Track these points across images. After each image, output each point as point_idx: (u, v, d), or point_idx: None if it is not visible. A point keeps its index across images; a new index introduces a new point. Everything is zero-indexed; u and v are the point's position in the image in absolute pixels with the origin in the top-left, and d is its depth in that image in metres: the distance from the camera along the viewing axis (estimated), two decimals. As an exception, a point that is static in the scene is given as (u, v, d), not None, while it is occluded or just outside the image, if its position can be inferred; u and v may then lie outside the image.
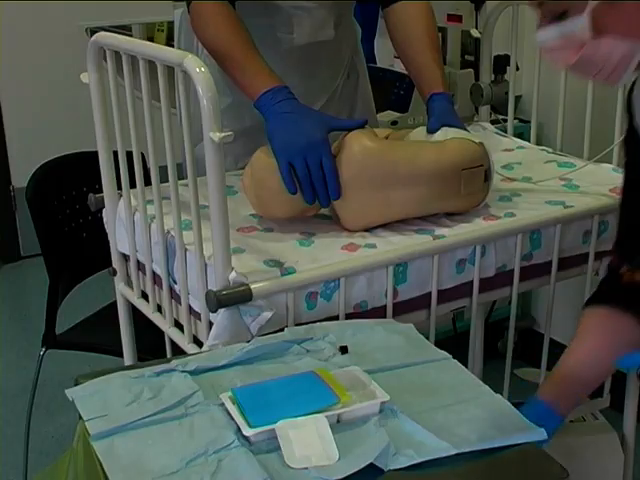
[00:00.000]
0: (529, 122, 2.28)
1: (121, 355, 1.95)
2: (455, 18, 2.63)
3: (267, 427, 1.09)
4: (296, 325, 1.45)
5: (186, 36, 2.03)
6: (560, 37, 1.12)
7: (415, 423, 1.12)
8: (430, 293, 1.62)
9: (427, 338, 1.43)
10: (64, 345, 2.26)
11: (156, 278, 1.69)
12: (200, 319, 1.53)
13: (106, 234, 1.83)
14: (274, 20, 1.90)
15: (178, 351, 1.64)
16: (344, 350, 1.31)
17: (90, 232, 2.30)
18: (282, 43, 1.92)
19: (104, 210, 1.82)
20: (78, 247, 2.31)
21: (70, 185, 2.30)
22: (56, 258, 2.23)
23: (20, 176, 3.68)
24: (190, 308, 1.58)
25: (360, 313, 1.55)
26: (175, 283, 1.62)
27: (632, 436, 2.03)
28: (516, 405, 1.19)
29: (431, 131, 1.73)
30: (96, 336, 2.26)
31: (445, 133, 1.71)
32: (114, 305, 1.92)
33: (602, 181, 1.90)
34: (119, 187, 1.75)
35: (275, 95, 1.59)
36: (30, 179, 2.23)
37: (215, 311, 1.42)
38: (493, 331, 2.73)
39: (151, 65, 1.48)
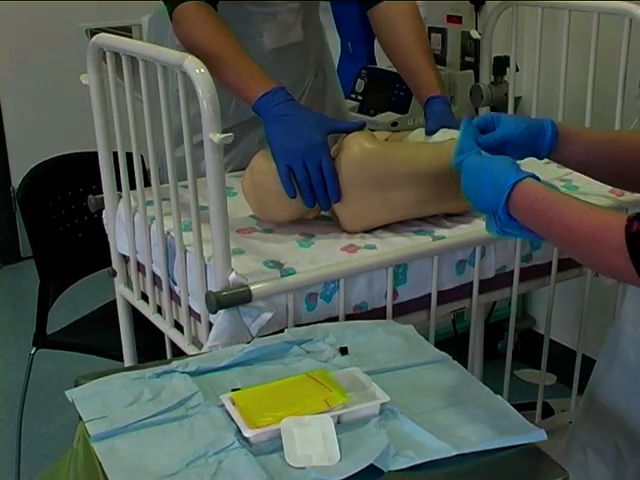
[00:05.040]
0: (529, 123, 2.27)
1: (113, 356, 1.95)
2: (455, 19, 2.63)
3: (267, 428, 1.09)
4: (296, 326, 1.45)
5: (156, 42, 1.99)
6: None
7: (415, 424, 1.12)
8: (430, 294, 1.62)
9: (427, 339, 1.44)
10: (54, 345, 2.25)
11: (156, 279, 1.69)
12: (200, 320, 1.53)
13: (102, 235, 1.83)
14: (248, 25, 1.90)
15: (177, 352, 1.64)
16: (344, 351, 1.31)
17: (86, 233, 2.29)
18: (256, 48, 1.89)
19: (104, 211, 1.82)
20: (71, 248, 2.29)
21: (65, 186, 2.29)
22: (48, 258, 2.21)
23: (20, 177, 3.67)
24: (190, 309, 1.58)
25: (360, 314, 1.55)
26: (175, 284, 1.61)
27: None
28: (516, 406, 1.19)
29: (429, 133, 1.73)
30: (87, 337, 2.25)
31: (444, 134, 1.71)
32: (108, 306, 1.92)
33: (602, 182, 1.89)
34: (119, 188, 1.75)
35: (274, 97, 1.58)
36: (22, 179, 2.22)
37: (215, 312, 1.42)
38: (493, 332, 2.73)
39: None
